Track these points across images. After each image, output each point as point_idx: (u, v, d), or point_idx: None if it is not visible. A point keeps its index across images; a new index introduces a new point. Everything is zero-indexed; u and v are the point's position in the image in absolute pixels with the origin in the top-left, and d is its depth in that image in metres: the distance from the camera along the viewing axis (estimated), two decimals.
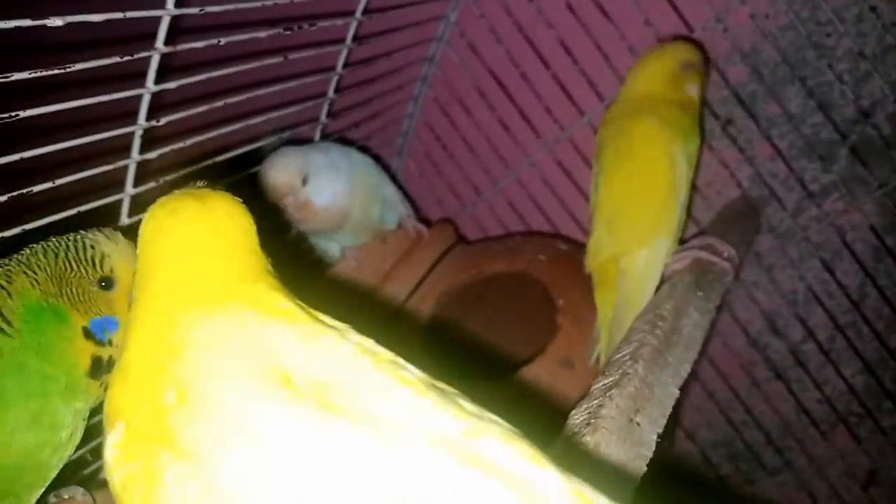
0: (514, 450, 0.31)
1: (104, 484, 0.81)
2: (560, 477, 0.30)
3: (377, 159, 1.07)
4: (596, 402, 0.52)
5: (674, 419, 1.16)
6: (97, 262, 0.59)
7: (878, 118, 1.02)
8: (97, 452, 0.78)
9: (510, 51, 1.13)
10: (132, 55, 0.60)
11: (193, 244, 0.39)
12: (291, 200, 0.86)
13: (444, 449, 0.30)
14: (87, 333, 0.58)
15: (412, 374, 0.34)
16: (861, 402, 1.13)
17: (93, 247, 0.59)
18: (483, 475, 0.30)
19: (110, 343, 0.60)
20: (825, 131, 1.05)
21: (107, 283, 0.59)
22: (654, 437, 0.51)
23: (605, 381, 0.55)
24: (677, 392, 0.58)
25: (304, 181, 0.87)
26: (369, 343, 0.36)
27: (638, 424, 0.51)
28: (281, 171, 0.86)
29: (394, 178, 1.13)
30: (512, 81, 1.16)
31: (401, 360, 0.35)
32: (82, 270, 0.58)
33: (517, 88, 1.16)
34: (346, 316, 0.39)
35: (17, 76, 0.53)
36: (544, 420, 0.84)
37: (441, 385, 0.35)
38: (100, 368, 0.59)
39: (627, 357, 0.59)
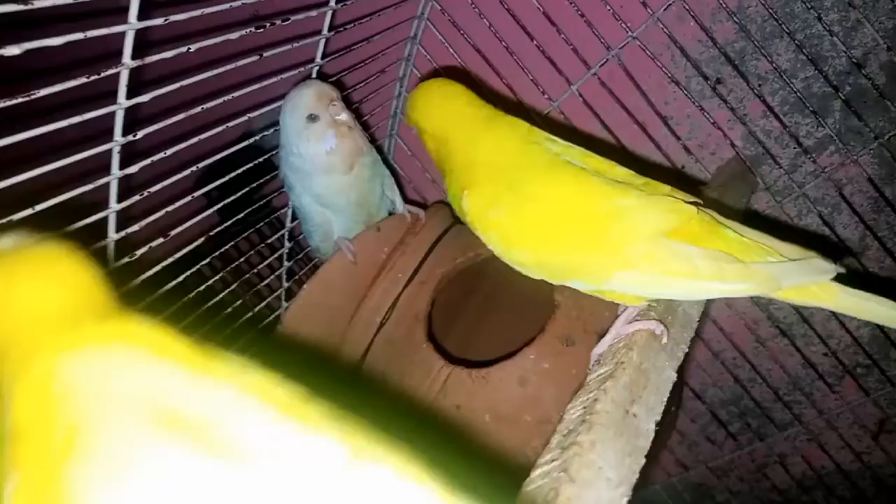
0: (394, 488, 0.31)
1: None
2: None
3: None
4: (591, 395, 0.52)
5: (680, 382, 1.17)
6: None
7: (871, 68, 1.00)
8: None
9: (493, 24, 1.11)
10: (99, 74, 0.60)
11: (53, 298, 0.39)
12: (339, 104, 0.90)
13: (313, 482, 0.30)
14: None
15: (298, 412, 0.34)
16: (867, 353, 1.13)
17: None
18: None
19: None
20: (817, 85, 1.03)
21: None
22: (652, 426, 0.52)
23: (600, 372, 0.56)
24: (674, 375, 0.58)
25: None
26: (258, 379, 0.35)
27: (634, 416, 0.51)
28: (322, 83, 0.91)
29: (386, 161, 1.12)
30: (496, 55, 1.14)
31: (291, 396, 0.35)
32: None
33: (502, 62, 1.14)
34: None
35: None
36: (549, 400, 0.84)
37: (336, 417, 0.34)
38: None
39: (622, 345, 0.59)
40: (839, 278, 0.57)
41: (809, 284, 0.57)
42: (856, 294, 0.58)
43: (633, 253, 0.58)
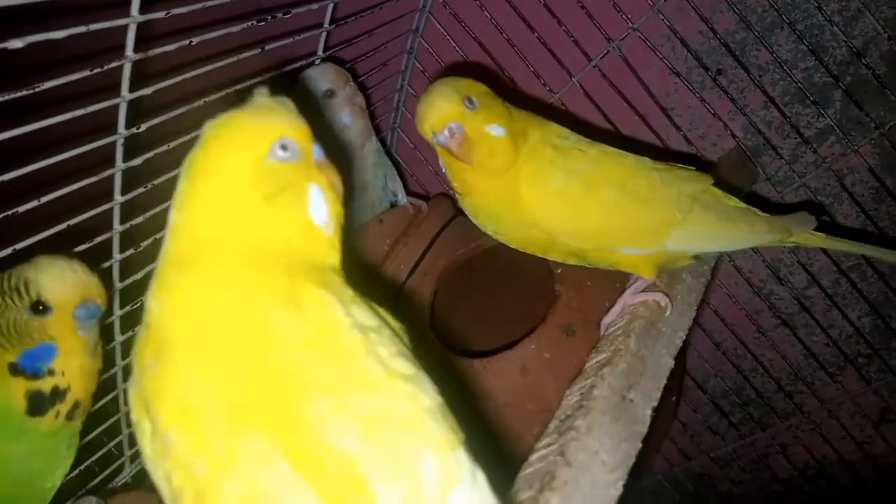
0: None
1: (118, 490, 0.84)
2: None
3: None
4: (588, 381, 0.53)
5: (680, 372, 1.17)
6: (23, 288, 0.56)
7: (871, 57, 1.00)
8: (104, 462, 0.80)
9: (494, 16, 1.11)
10: (102, 67, 0.60)
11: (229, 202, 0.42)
12: (351, 88, 0.94)
13: None
14: (14, 369, 0.55)
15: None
16: (868, 343, 1.13)
17: (17, 276, 0.57)
18: None
19: (51, 373, 0.56)
20: (818, 75, 1.03)
21: (41, 307, 0.56)
22: (649, 412, 0.52)
23: (598, 359, 0.56)
24: (672, 362, 0.59)
25: None
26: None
27: (631, 401, 0.52)
28: (334, 67, 0.94)
29: (388, 154, 1.12)
30: (497, 47, 1.14)
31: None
32: (9, 301, 0.56)
33: (503, 53, 1.14)
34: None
35: None
36: (550, 388, 0.85)
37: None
38: (41, 403, 0.55)
39: (620, 332, 0.59)
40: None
41: (807, 230, 0.71)
42: (833, 237, 0.73)
43: (683, 211, 0.65)
